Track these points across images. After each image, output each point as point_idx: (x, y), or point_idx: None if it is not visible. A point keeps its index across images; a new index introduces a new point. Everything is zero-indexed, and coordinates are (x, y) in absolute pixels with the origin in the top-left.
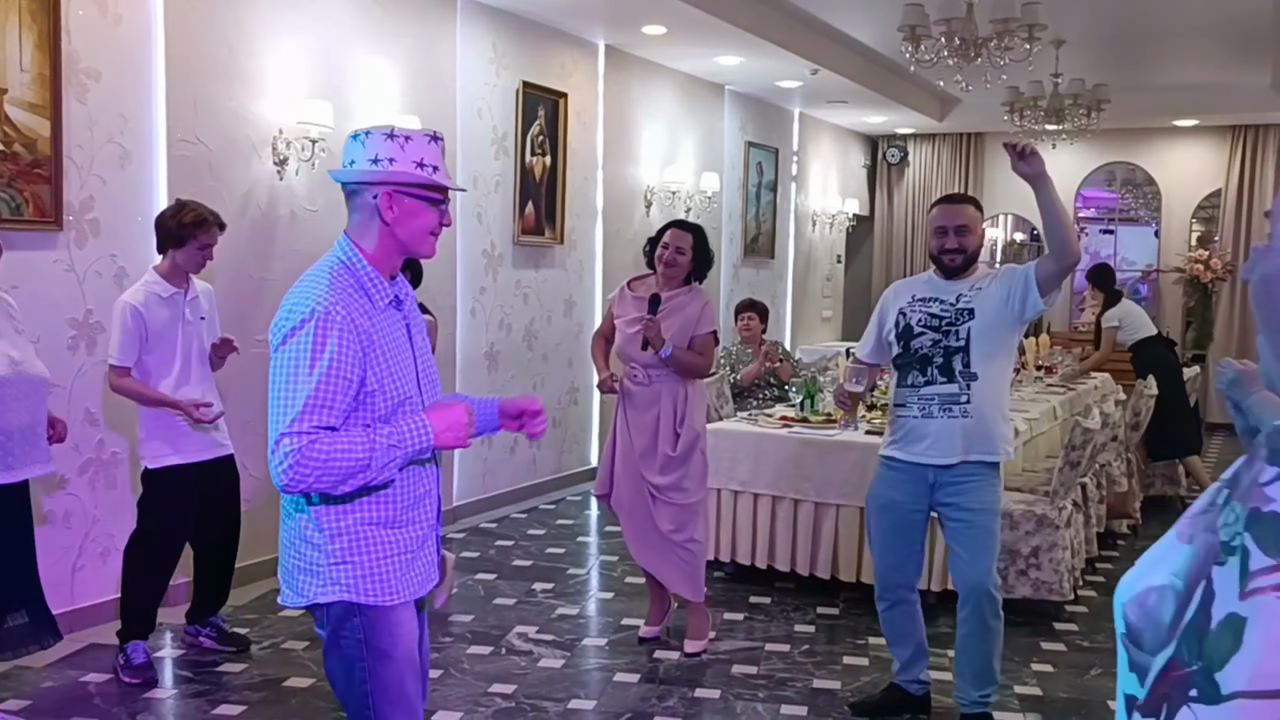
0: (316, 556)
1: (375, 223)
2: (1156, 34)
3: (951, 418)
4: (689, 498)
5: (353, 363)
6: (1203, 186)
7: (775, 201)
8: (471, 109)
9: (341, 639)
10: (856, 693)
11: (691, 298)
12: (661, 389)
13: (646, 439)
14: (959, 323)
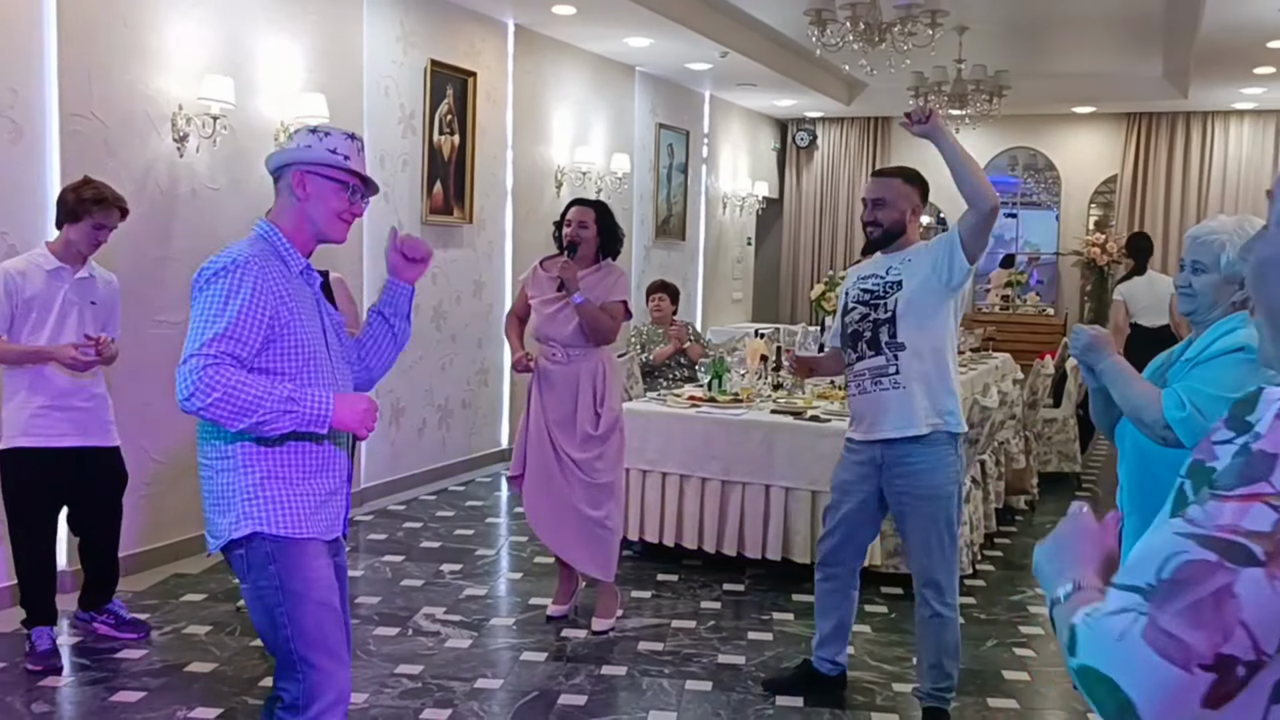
0: (230, 495)
1: (291, 201)
2: (1055, 23)
3: (882, 390)
4: (604, 476)
5: (264, 307)
6: (1100, 172)
7: (686, 183)
8: (379, 87)
9: (260, 586)
10: (761, 667)
11: (604, 273)
12: (580, 368)
13: (564, 413)
14: (887, 295)
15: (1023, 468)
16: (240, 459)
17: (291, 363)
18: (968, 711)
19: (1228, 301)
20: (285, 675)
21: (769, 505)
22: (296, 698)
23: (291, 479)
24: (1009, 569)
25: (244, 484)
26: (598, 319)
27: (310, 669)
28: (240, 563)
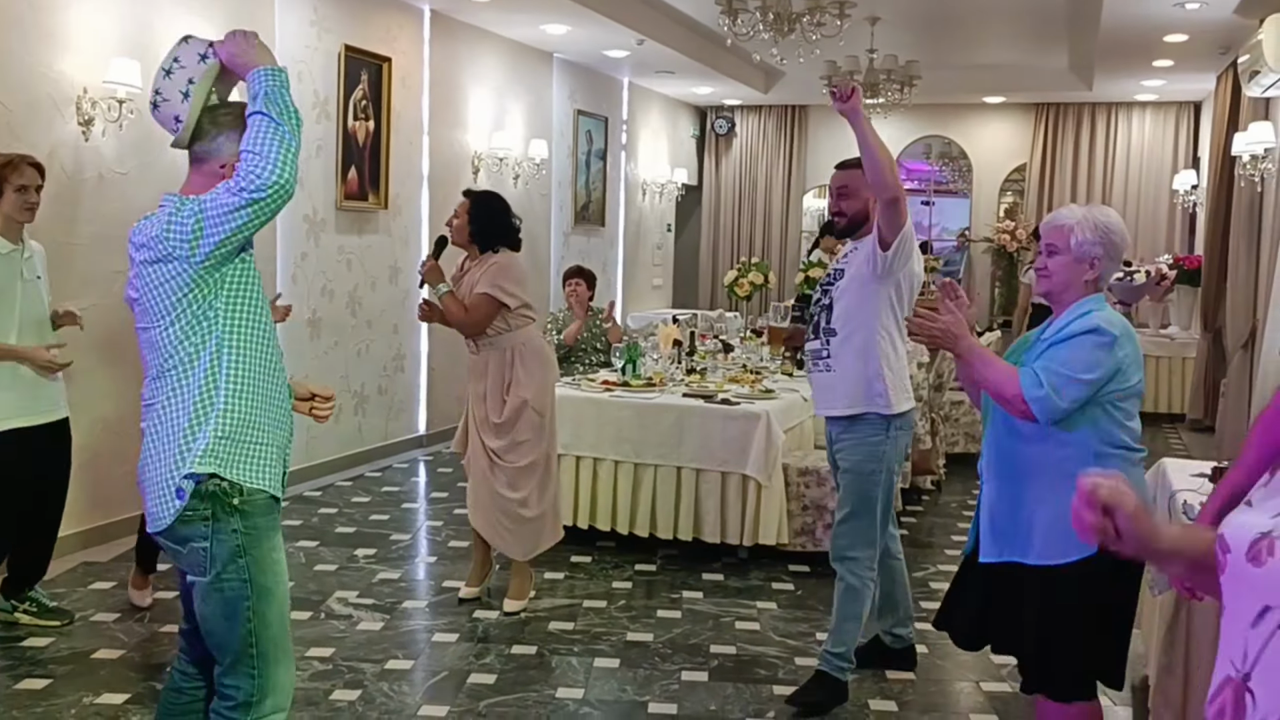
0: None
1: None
2: (964, 15)
3: (818, 371)
4: (522, 458)
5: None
6: (1010, 160)
7: (605, 170)
8: (291, 72)
9: (225, 580)
10: (669, 644)
11: (481, 264)
12: (489, 358)
13: (480, 403)
14: (833, 284)
15: (929, 449)
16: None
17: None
18: (866, 683)
19: (1079, 282)
20: (236, 672)
21: (680, 487)
22: (250, 694)
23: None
24: (914, 546)
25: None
26: (449, 311)
27: (267, 665)
28: (200, 557)
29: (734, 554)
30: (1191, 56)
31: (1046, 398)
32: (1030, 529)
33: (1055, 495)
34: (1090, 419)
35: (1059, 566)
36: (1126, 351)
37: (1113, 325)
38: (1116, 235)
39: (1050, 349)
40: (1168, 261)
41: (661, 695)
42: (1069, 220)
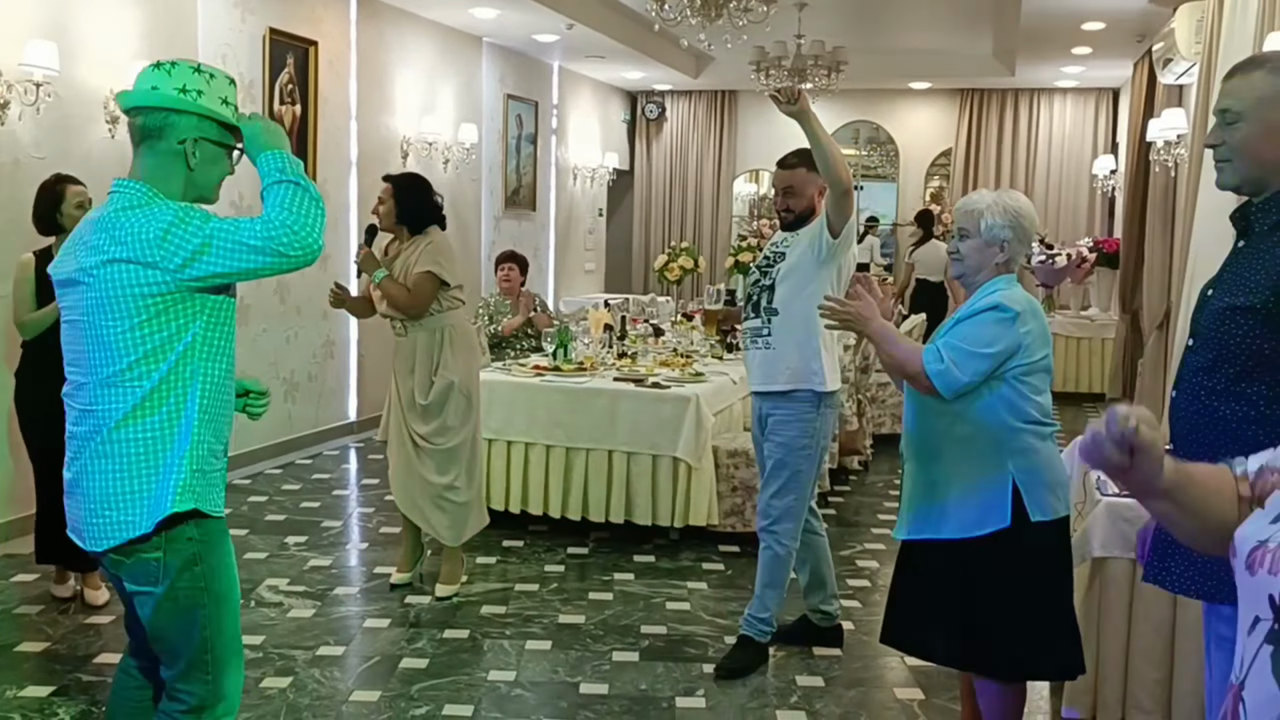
0: (159, 477)
1: (178, 169)
2: (890, 1)
3: (756, 349)
4: (449, 440)
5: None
6: (936, 145)
7: (536, 154)
8: (215, 55)
9: (180, 589)
10: (600, 626)
11: (415, 245)
12: (417, 339)
13: (407, 387)
14: (774, 265)
15: (856, 430)
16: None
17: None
18: (793, 659)
19: (990, 264)
20: (190, 678)
21: (612, 470)
22: (204, 699)
23: (215, 452)
24: (842, 525)
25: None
26: (392, 294)
27: (221, 670)
28: (152, 568)
29: (665, 535)
30: (1109, 44)
31: (946, 371)
32: (946, 504)
33: (967, 470)
34: (997, 394)
35: (975, 539)
36: (1030, 328)
37: (1015, 302)
38: (1025, 219)
39: (955, 325)
40: (1088, 245)
41: (593, 676)
42: (979, 205)
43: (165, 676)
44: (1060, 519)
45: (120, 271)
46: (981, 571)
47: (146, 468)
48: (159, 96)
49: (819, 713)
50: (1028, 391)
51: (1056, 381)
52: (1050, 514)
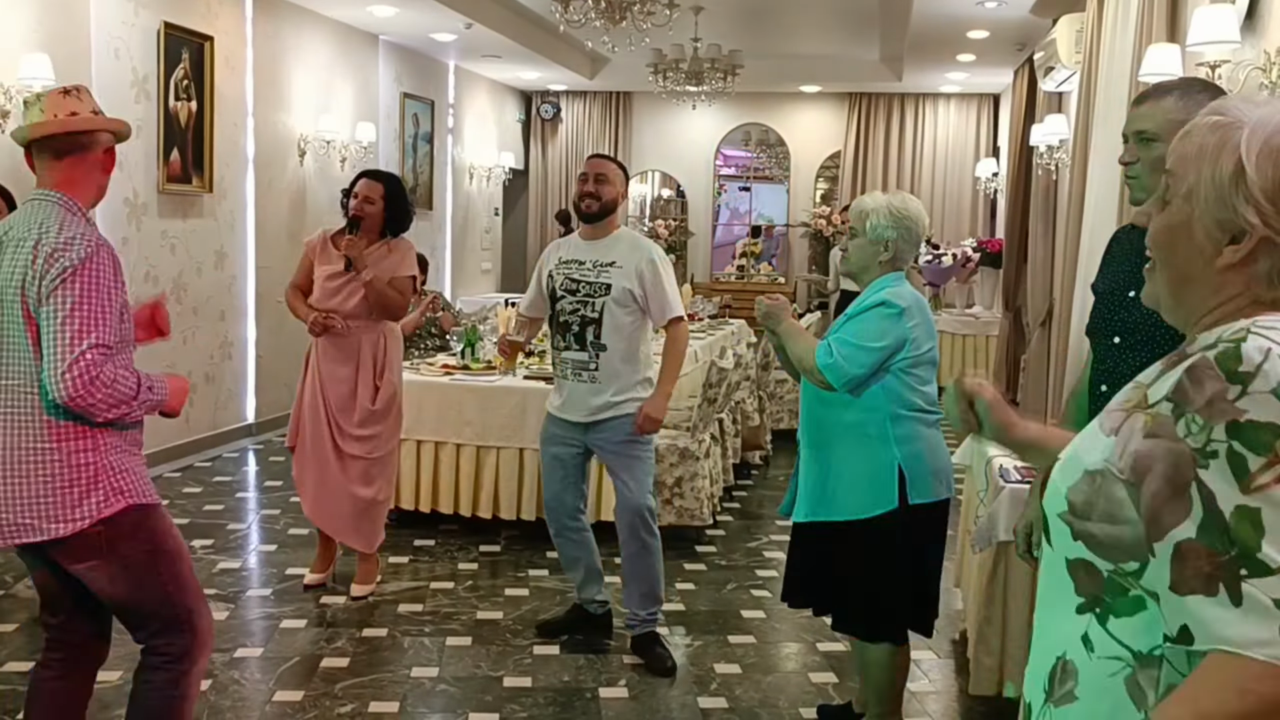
0: (93, 475)
1: (94, 178)
2: (783, 6)
3: (581, 382)
4: (379, 450)
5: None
6: (826, 148)
7: (432, 153)
8: (108, 49)
9: (128, 555)
10: (519, 620)
11: (392, 247)
12: (361, 339)
13: (344, 391)
14: (595, 296)
15: (757, 425)
16: (101, 437)
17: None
18: (710, 649)
19: (875, 262)
20: (168, 631)
21: (523, 468)
22: (186, 645)
23: (133, 451)
24: (746, 518)
25: (107, 462)
26: (385, 296)
27: (197, 616)
28: (94, 541)
29: None
30: (991, 52)
31: (837, 365)
32: (837, 488)
33: (857, 455)
34: (884, 385)
35: (864, 520)
36: (916, 321)
37: (901, 298)
38: (912, 220)
39: (846, 323)
40: (972, 245)
41: (516, 670)
42: (868, 206)
43: (139, 640)
44: (941, 501)
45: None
46: (869, 547)
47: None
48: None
49: (739, 699)
50: (914, 383)
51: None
52: (932, 497)
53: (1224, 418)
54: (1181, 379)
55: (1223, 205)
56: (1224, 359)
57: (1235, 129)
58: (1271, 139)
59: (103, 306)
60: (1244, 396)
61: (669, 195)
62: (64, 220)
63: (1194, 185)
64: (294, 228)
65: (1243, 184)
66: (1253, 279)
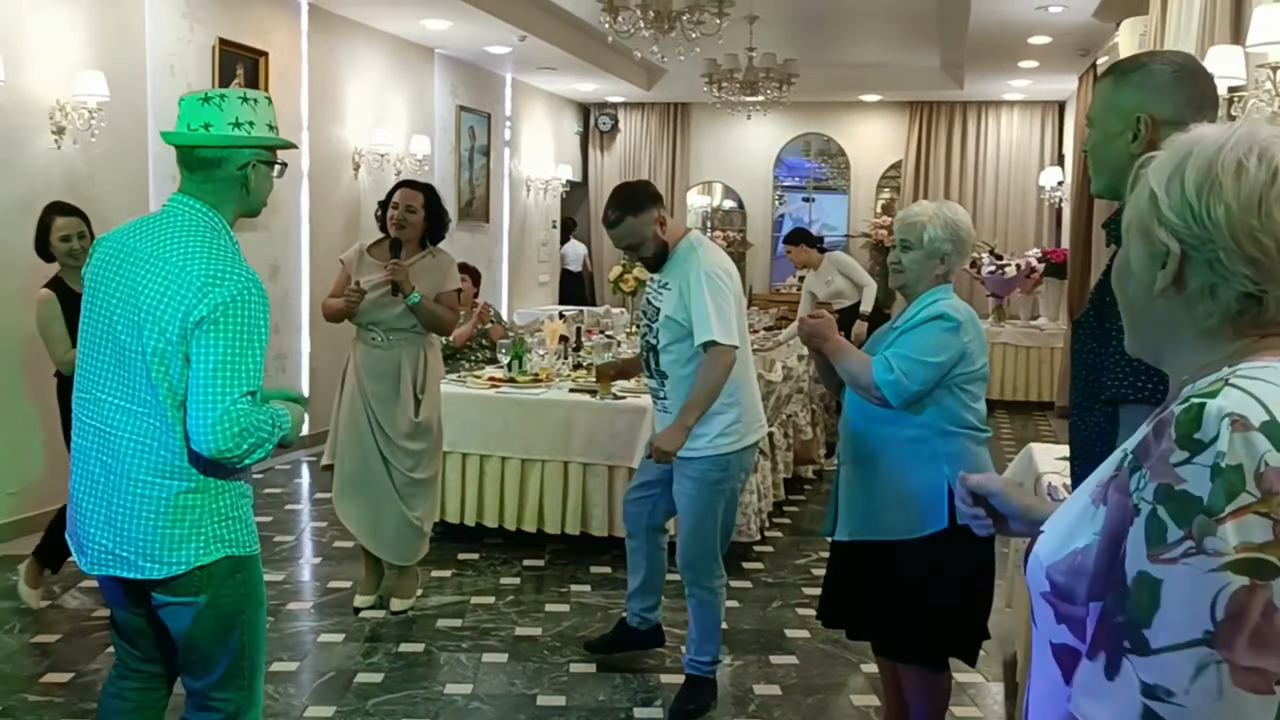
0: (197, 519)
1: (235, 192)
2: (840, 14)
3: (659, 411)
4: (424, 470)
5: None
6: (887, 157)
7: (489, 166)
8: (163, 66)
9: (223, 596)
10: (558, 638)
11: (436, 260)
12: (401, 353)
13: (388, 405)
14: (654, 320)
15: (810, 439)
16: (213, 483)
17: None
18: (751, 668)
19: (931, 275)
20: (227, 685)
21: (567, 482)
22: (240, 706)
23: (245, 493)
24: (796, 535)
25: (215, 506)
26: (436, 314)
27: (255, 673)
28: (196, 579)
29: (621, 546)
30: (1055, 58)
31: (897, 381)
32: (884, 507)
33: (906, 473)
34: (937, 401)
35: (911, 541)
36: (971, 336)
37: (957, 311)
38: (964, 231)
39: (901, 336)
40: (1036, 255)
41: (550, 688)
42: (921, 217)
43: (195, 687)
44: None
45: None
46: (915, 569)
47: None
48: (215, 136)
49: None
50: (967, 399)
51: (1006, 390)
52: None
53: (1160, 478)
54: (1147, 434)
55: (1146, 236)
56: (1184, 419)
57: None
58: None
59: (253, 349)
60: (1186, 465)
61: (731, 206)
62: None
63: (1128, 221)
64: (348, 241)
65: (1156, 209)
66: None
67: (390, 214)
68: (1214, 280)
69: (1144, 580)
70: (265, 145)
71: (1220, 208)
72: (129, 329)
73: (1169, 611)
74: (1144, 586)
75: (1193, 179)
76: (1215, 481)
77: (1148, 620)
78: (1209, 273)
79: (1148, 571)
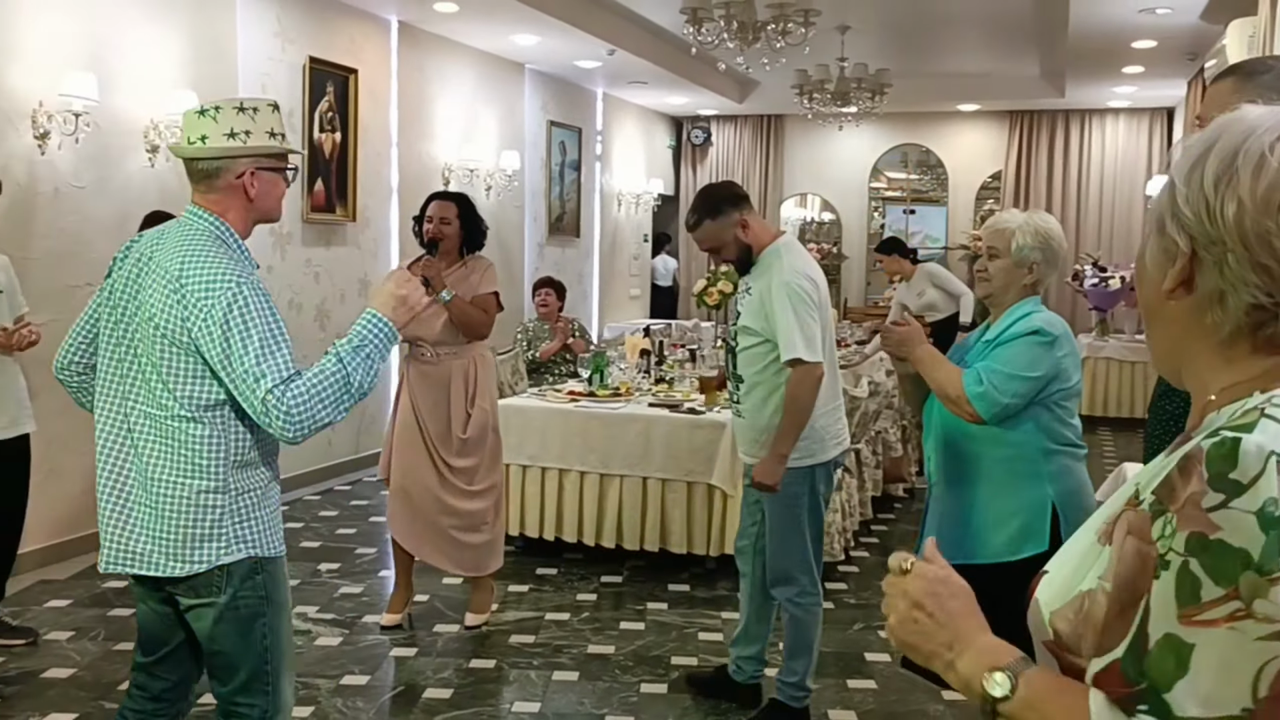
0: (218, 518)
1: (239, 199)
2: (935, 23)
3: (735, 415)
4: (483, 482)
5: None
6: (986, 167)
7: (580, 180)
8: (255, 84)
9: (242, 599)
10: (630, 656)
11: (472, 266)
12: (452, 366)
13: (439, 418)
14: (736, 323)
15: (900, 456)
16: (233, 483)
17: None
18: (828, 692)
19: (1018, 285)
20: (251, 689)
21: (646, 497)
22: (265, 710)
23: (270, 495)
24: (883, 555)
25: (236, 506)
26: (469, 314)
27: (279, 679)
28: (215, 579)
29: (701, 564)
30: (1161, 62)
31: (987, 394)
32: (981, 529)
33: (1006, 493)
34: (1035, 418)
35: (1012, 563)
36: (1066, 352)
37: (1053, 326)
38: (1055, 241)
39: (994, 350)
40: None
41: (619, 708)
42: (1010, 224)
43: (220, 693)
44: None
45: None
46: (1012, 595)
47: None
48: (210, 148)
49: None
50: (1064, 415)
51: (1110, 406)
52: None
53: (1191, 526)
54: (1172, 471)
55: (1160, 230)
56: (1216, 455)
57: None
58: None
59: (269, 343)
60: (1222, 509)
61: (830, 219)
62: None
63: (1149, 212)
64: None
65: (1173, 202)
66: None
67: (425, 227)
68: (1223, 287)
69: (1171, 643)
70: (259, 153)
71: (1233, 204)
72: (143, 335)
73: (1200, 679)
74: (1170, 649)
75: (1213, 169)
76: (1270, 534)
77: (1169, 685)
78: (1218, 278)
79: (1176, 634)
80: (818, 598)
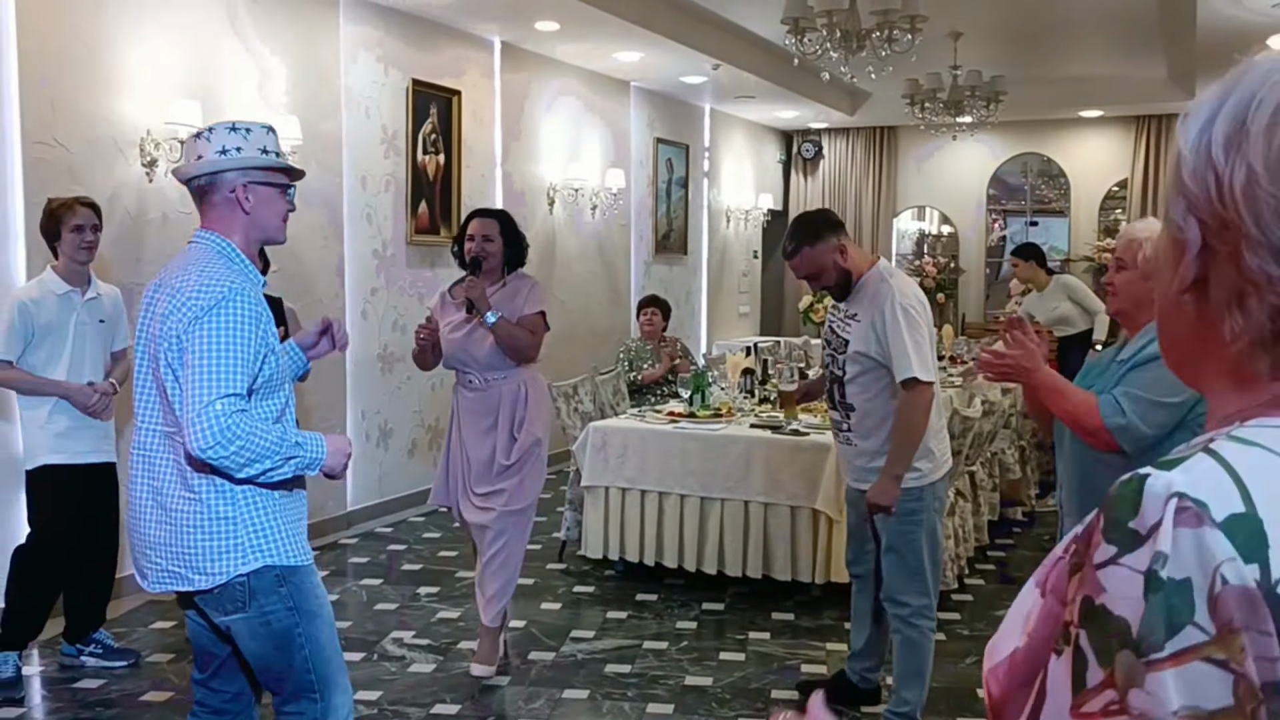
0: (233, 530)
1: (236, 215)
2: (1052, 27)
3: (841, 443)
4: (516, 504)
5: (259, 337)
6: (1111, 175)
7: (687, 198)
8: (359, 108)
9: (269, 613)
10: (729, 689)
11: (517, 285)
12: (501, 392)
13: (485, 451)
14: (840, 351)
15: (1018, 478)
16: (244, 492)
17: (266, 386)
18: None
19: (1150, 299)
20: (299, 699)
21: (748, 522)
22: (315, 718)
23: (286, 507)
24: (1000, 583)
25: (249, 517)
26: (514, 336)
27: (328, 686)
28: (238, 593)
29: (806, 592)
30: None
31: (1130, 425)
32: None
33: None
34: (1179, 444)
35: None
36: None
37: None
38: None
39: (1130, 373)
40: None
41: None
42: (1140, 234)
43: (276, 705)
44: None
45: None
46: None
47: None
48: (201, 163)
49: None
50: None
51: None
52: None
53: (1084, 589)
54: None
55: (1167, 214)
56: (1118, 498)
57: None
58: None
59: (231, 354)
60: (1110, 566)
61: (949, 232)
62: (205, 264)
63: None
64: (542, 275)
65: (1179, 176)
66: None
67: (467, 246)
68: (1241, 285)
69: None
70: (247, 166)
71: (1241, 171)
72: (153, 353)
73: None
74: None
75: (1223, 128)
76: (1151, 600)
77: None
78: (1235, 274)
79: None
80: (933, 622)
